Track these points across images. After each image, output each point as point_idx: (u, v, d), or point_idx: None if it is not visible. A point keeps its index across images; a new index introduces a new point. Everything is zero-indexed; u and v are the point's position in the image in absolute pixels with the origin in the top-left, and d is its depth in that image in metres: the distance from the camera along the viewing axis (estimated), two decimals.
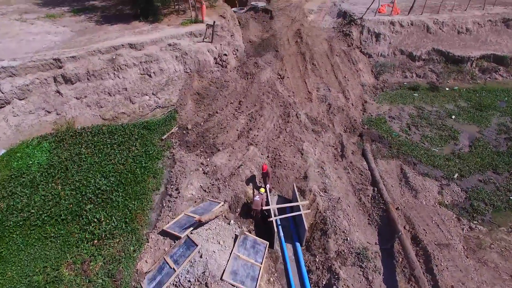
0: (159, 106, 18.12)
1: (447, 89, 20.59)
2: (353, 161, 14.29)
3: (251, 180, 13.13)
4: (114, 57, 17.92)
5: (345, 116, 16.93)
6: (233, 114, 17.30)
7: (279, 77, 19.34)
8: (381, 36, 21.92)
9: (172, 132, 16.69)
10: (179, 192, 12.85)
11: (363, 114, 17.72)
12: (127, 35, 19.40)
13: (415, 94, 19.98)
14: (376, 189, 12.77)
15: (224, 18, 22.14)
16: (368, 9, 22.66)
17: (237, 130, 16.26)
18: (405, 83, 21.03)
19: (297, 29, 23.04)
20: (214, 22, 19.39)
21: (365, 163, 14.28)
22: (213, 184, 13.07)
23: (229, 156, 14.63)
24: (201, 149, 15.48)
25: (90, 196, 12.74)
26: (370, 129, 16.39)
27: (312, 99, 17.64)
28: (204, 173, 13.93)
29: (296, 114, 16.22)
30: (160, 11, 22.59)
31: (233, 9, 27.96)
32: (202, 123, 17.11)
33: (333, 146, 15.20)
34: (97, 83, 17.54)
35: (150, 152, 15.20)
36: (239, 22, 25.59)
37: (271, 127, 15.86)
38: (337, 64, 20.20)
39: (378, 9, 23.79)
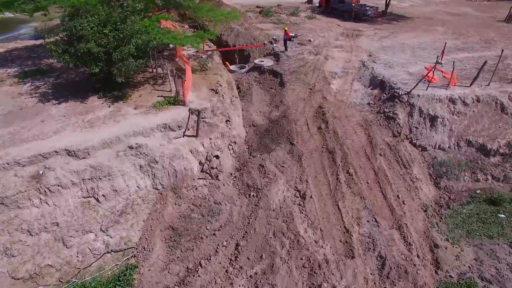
0: (111, 250, 11.47)
1: None
2: None
3: None
4: (41, 173, 11.45)
5: (410, 286, 10.13)
6: (226, 272, 10.62)
7: (298, 195, 12.74)
8: (438, 119, 15.48)
9: None
10: None
11: (436, 273, 10.94)
12: (70, 128, 13.02)
13: (501, 215, 13.34)
14: None
15: (217, 93, 15.82)
16: (418, 83, 16.28)
17: None
18: (478, 191, 14.41)
19: (319, 105, 16.69)
20: (199, 112, 12.99)
21: None
22: None
23: None
24: None
25: None
26: None
27: (352, 246, 10.94)
28: None
29: None
30: (130, 82, 16.32)
31: (231, 67, 21.86)
32: None
33: None
34: (9, 215, 11.05)
35: None
36: (238, 89, 19.35)
37: None
38: (383, 169, 13.63)
39: (425, 76, 17.53)
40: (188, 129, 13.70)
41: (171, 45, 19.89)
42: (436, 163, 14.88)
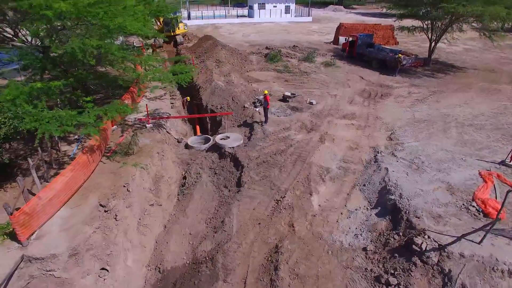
0: None
1: None
2: None
3: None
4: None
5: None
6: None
7: None
8: None
9: None
10: None
11: None
12: None
13: None
14: None
15: (108, 211, 9.66)
16: (464, 236, 8.81)
17: None
18: None
19: (277, 242, 9.80)
20: (8, 280, 6.87)
21: None
22: None
23: None
24: None
25: None
26: None
27: None
28: None
29: None
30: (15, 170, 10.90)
31: (190, 140, 15.90)
32: None
33: None
34: None
35: None
36: (184, 179, 13.22)
37: None
38: None
39: (478, 202, 10.05)
40: None
41: None
42: None
